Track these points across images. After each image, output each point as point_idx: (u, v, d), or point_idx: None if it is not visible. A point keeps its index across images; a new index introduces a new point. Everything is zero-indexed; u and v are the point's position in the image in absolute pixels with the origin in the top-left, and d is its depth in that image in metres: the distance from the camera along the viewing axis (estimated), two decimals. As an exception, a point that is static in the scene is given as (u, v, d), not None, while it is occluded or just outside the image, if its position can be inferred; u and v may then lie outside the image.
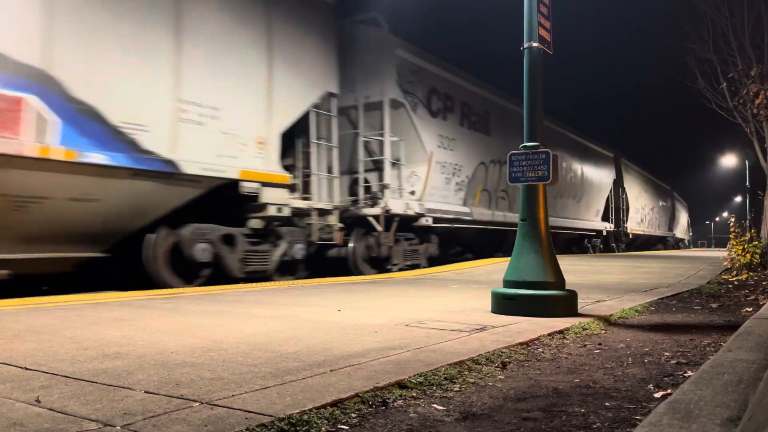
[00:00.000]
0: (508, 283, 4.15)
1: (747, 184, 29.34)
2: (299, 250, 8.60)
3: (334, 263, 9.86)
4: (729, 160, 31.99)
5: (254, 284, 7.17)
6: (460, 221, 12.34)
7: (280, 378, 2.18)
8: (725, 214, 73.22)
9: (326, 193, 9.11)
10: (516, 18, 4.46)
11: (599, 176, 21.50)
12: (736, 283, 7.22)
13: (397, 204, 10.30)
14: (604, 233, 22.55)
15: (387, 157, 10.25)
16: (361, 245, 10.10)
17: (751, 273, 8.20)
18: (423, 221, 11.02)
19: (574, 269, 9.10)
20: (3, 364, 2.43)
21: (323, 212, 8.99)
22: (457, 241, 13.47)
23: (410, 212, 10.64)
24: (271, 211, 7.89)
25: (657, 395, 2.10)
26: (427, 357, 2.57)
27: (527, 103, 4.35)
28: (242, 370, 2.30)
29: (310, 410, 1.78)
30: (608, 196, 22.88)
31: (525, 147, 4.29)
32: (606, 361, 2.72)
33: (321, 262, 9.70)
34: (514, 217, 14.01)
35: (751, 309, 4.62)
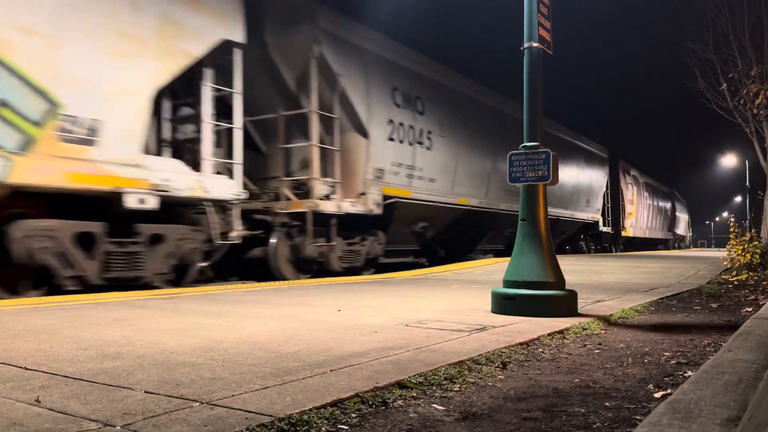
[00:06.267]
0: (508, 283, 4.15)
1: (747, 184, 29.35)
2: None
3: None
4: (729, 160, 31.98)
5: (254, 284, 7.18)
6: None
7: (280, 378, 2.18)
8: (725, 214, 73.22)
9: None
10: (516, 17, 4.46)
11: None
12: (736, 283, 7.22)
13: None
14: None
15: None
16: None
17: (751, 273, 8.20)
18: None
19: (574, 269, 9.10)
20: (3, 364, 2.43)
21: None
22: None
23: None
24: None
25: (657, 395, 2.10)
26: (427, 357, 2.57)
27: (527, 103, 4.35)
28: (242, 370, 2.30)
29: (310, 410, 1.78)
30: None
31: (525, 147, 4.29)
32: (606, 361, 2.72)
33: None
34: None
35: (751, 309, 4.62)
